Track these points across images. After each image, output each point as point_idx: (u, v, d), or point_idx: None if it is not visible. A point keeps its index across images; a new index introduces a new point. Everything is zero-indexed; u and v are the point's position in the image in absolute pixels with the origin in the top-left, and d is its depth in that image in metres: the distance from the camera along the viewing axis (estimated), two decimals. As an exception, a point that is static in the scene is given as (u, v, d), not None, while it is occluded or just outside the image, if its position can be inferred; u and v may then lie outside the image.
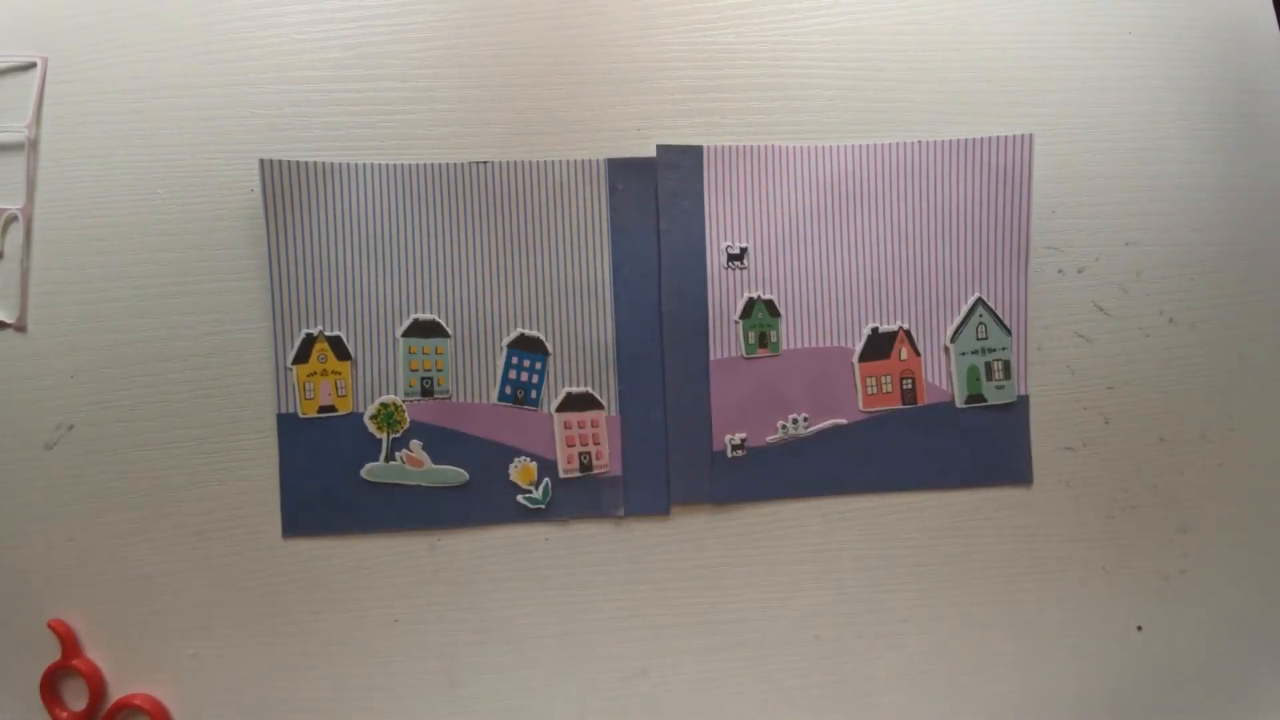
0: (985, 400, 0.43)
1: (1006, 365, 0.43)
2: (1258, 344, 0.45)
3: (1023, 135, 0.43)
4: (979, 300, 0.43)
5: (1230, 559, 0.45)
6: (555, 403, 0.42)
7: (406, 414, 0.42)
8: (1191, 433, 0.44)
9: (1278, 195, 0.45)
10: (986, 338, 0.43)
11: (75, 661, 0.40)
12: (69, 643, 0.40)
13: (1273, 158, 0.45)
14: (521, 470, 0.42)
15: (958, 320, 0.43)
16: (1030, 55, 0.44)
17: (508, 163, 0.42)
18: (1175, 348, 0.44)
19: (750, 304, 0.43)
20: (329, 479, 0.41)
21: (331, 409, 0.41)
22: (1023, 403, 0.44)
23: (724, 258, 0.42)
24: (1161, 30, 0.45)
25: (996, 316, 0.43)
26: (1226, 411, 0.45)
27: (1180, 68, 0.45)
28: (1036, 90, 0.44)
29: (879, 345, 0.43)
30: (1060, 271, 0.44)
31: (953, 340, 0.43)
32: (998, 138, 0.43)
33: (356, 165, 0.41)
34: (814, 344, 0.43)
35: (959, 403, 0.43)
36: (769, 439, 0.43)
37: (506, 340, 0.42)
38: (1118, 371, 0.44)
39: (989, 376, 0.43)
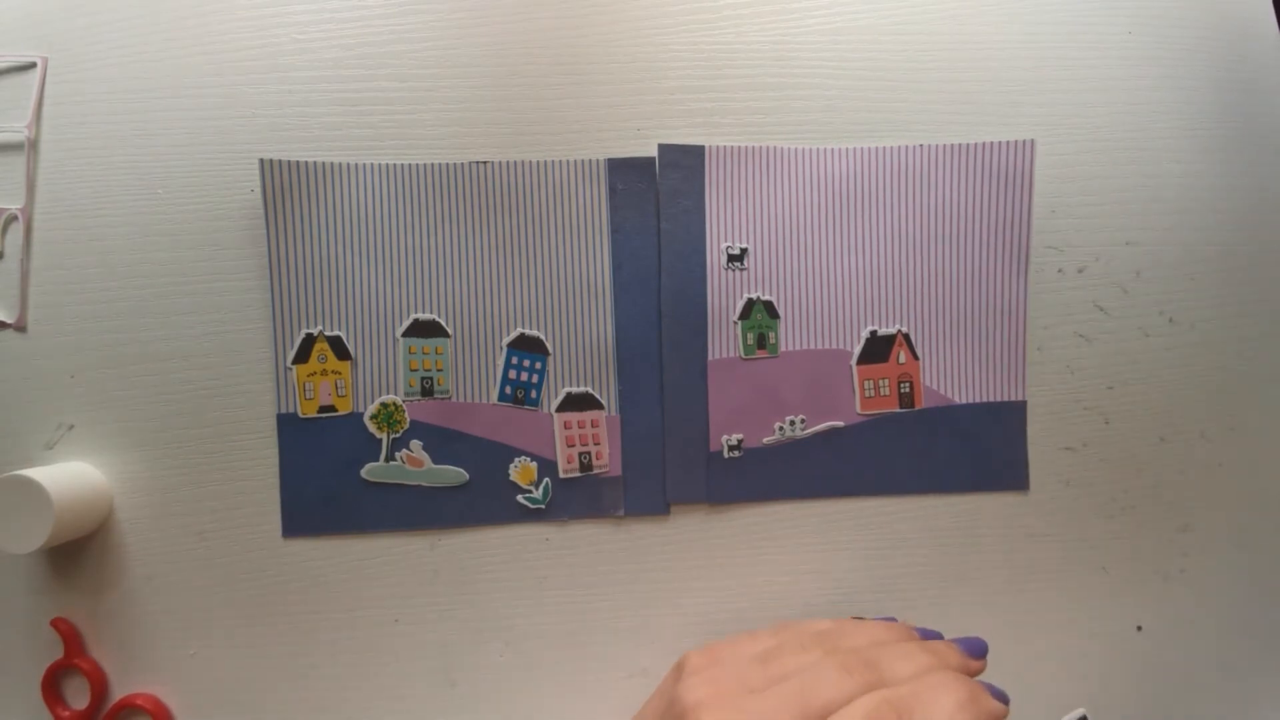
0: None
1: None
2: (1258, 344, 0.45)
3: (1025, 141, 0.43)
4: None
5: (1230, 559, 0.45)
6: (555, 403, 0.42)
7: (406, 414, 0.42)
8: (1191, 433, 0.44)
9: (1278, 195, 0.45)
10: None
11: (78, 660, 0.40)
12: (71, 641, 0.40)
13: (1273, 157, 0.45)
14: (521, 470, 0.42)
15: None
16: (1030, 55, 0.44)
17: (508, 163, 0.42)
18: (1175, 348, 0.44)
19: (750, 305, 0.43)
20: (329, 479, 0.41)
21: (331, 409, 0.41)
22: (1020, 408, 0.44)
23: (724, 258, 0.42)
24: (1161, 30, 0.44)
25: None
26: (1226, 411, 0.45)
27: (1180, 67, 0.44)
28: (1036, 90, 0.44)
29: (878, 348, 0.43)
30: (1060, 271, 0.44)
31: None
32: (999, 143, 0.43)
33: (356, 165, 0.41)
34: (813, 346, 0.43)
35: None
36: (765, 440, 0.43)
37: (506, 340, 0.42)
38: (1118, 371, 0.44)
39: None
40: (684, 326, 0.42)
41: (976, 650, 0.34)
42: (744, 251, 0.43)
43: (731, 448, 0.42)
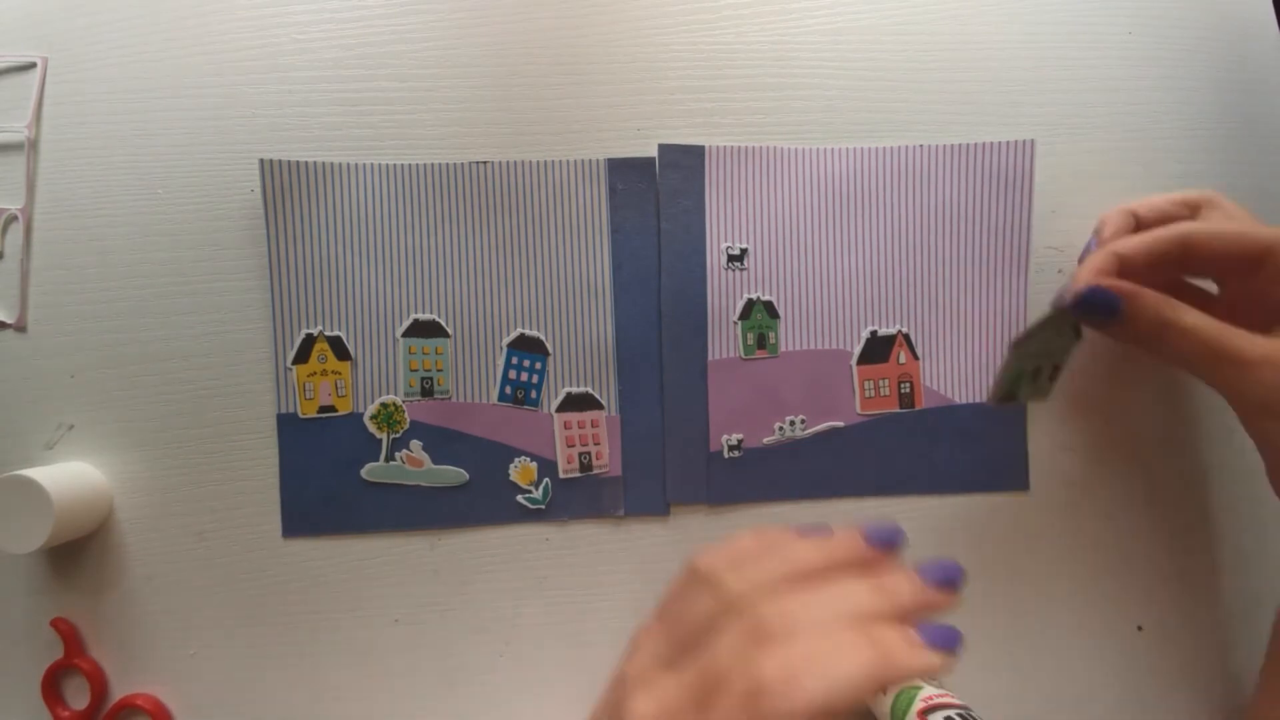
0: (1016, 399, 0.40)
1: (1056, 369, 0.40)
2: (1258, 344, 0.45)
3: (1025, 141, 0.43)
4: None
5: (1230, 560, 0.45)
6: (555, 403, 0.42)
7: (406, 414, 0.42)
8: (1192, 433, 0.44)
9: (1278, 195, 0.45)
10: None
11: (78, 660, 0.40)
12: (71, 642, 0.40)
13: (1273, 158, 0.45)
14: (521, 470, 0.42)
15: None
16: (1030, 55, 0.44)
17: (508, 163, 0.42)
18: (1175, 348, 0.44)
19: (749, 305, 0.43)
20: (329, 479, 0.41)
21: (331, 409, 0.41)
22: (1020, 408, 0.44)
23: (724, 258, 0.42)
24: (1161, 30, 0.44)
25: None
26: (1227, 411, 0.44)
27: (1180, 68, 0.44)
28: (1036, 90, 0.44)
29: (878, 348, 0.43)
30: (1060, 271, 0.44)
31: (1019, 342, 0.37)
32: (999, 143, 0.43)
33: (356, 165, 0.41)
34: (812, 346, 0.43)
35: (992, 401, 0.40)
36: (766, 440, 0.43)
37: (506, 340, 0.42)
38: (1118, 371, 0.44)
39: (1034, 379, 0.39)
40: (684, 326, 0.42)
41: (941, 576, 0.26)
42: (744, 251, 0.43)
43: (731, 448, 0.42)
